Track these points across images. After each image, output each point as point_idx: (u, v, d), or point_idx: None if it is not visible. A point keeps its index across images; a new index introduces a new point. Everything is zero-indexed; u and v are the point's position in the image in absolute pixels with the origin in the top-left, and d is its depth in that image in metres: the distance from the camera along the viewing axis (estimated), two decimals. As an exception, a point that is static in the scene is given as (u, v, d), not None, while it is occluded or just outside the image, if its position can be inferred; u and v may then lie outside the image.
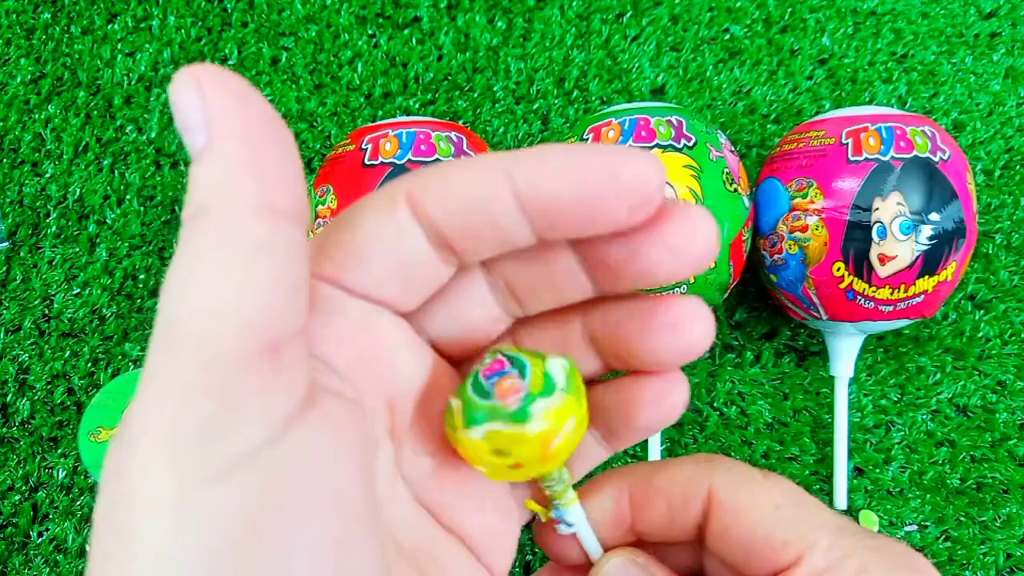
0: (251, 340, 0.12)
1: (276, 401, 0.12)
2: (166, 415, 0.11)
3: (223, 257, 0.12)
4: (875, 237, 0.33)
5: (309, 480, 0.12)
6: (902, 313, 0.34)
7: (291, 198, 0.13)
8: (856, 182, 0.33)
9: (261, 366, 0.12)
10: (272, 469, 0.12)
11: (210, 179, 0.12)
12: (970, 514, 0.39)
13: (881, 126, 0.34)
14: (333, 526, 0.13)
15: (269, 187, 0.12)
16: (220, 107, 0.12)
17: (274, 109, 0.13)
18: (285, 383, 0.12)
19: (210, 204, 0.12)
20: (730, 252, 0.34)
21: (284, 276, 0.12)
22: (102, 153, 0.42)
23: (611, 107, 0.36)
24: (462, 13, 0.44)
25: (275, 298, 0.12)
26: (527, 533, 0.38)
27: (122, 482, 0.12)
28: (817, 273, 0.34)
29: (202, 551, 0.11)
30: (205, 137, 0.12)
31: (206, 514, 0.11)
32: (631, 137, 0.33)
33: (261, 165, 0.12)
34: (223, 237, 0.12)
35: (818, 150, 0.34)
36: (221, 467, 0.11)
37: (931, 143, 0.33)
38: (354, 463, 0.14)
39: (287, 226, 0.13)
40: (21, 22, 0.44)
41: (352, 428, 0.14)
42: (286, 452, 0.12)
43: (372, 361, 0.16)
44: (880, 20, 0.45)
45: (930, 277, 0.33)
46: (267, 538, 0.12)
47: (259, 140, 0.12)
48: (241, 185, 0.12)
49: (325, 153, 0.42)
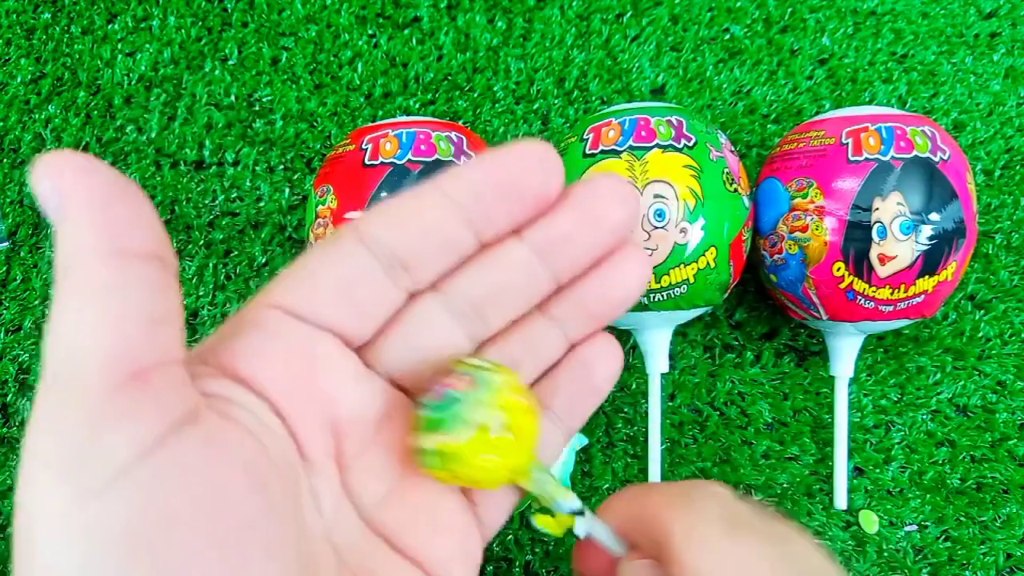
0: (111, 373, 0.13)
1: (145, 422, 0.13)
2: (48, 446, 0.13)
3: (78, 303, 0.14)
4: (875, 237, 0.33)
5: (185, 492, 0.13)
6: (902, 313, 0.34)
7: (142, 241, 0.14)
8: (856, 182, 0.33)
9: (125, 394, 0.13)
10: (146, 483, 0.13)
11: (66, 242, 0.14)
12: (970, 514, 0.39)
13: (881, 126, 0.34)
14: (214, 534, 0.14)
15: (117, 236, 0.14)
16: (69, 185, 0.14)
17: (121, 174, 0.15)
18: (154, 406, 0.14)
19: (68, 261, 0.14)
20: (730, 252, 0.34)
21: (141, 311, 0.14)
22: (102, 153, 0.42)
23: (611, 107, 0.36)
24: (462, 13, 0.44)
25: (132, 332, 0.14)
26: (528, 532, 0.38)
27: (24, 507, 0.13)
28: (817, 273, 0.34)
29: (86, 560, 0.13)
30: (61, 211, 0.14)
31: (88, 527, 0.13)
32: (631, 137, 0.33)
33: (108, 220, 0.14)
34: (78, 286, 0.14)
35: (818, 150, 0.34)
36: (97, 485, 0.13)
37: (931, 143, 0.33)
38: (239, 477, 0.14)
39: (140, 265, 0.14)
40: (21, 22, 0.44)
41: (238, 445, 0.15)
42: (159, 467, 0.13)
43: (308, 385, 0.17)
44: (880, 20, 0.45)
45: (930, 277, 0.33)
46: (146, 546, 0.13)
47: (104, 201, 0.14)
48: (89, 240, 0.14)
49: (325, 153, 0.42)
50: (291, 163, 0.42)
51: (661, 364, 0.37)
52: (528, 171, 0.18)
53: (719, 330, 0.41)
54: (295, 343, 0.17)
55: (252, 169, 0.42)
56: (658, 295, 0.34)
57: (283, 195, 0.42)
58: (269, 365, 0.17)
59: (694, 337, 0.41)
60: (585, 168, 0.34)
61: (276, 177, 0.42)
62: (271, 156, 0.42)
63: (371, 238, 0.17)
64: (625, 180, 0.19)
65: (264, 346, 0.17)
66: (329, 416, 0.17)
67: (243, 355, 0.17)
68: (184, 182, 0.42)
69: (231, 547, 0.14)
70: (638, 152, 0.33)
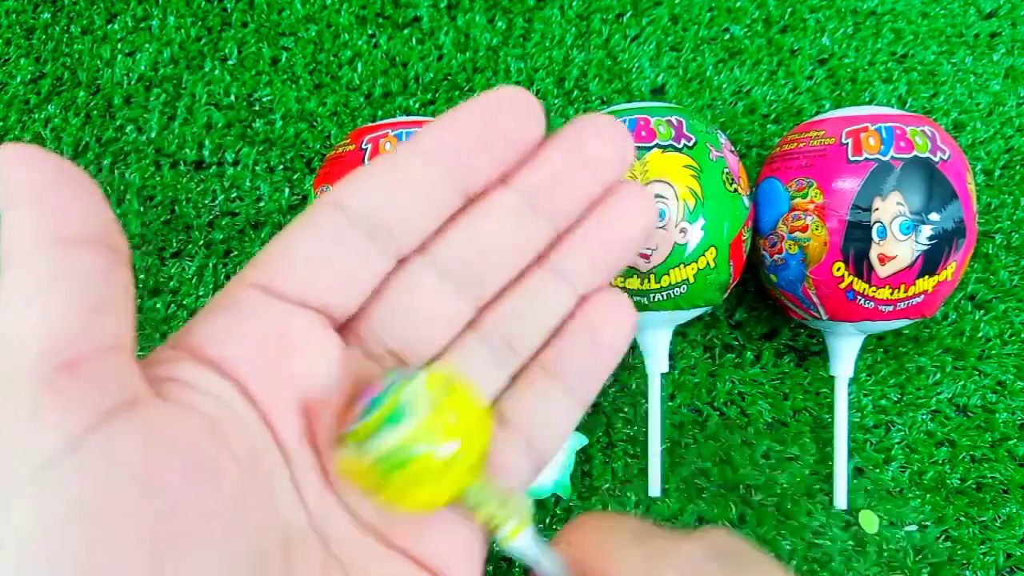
0: (41, 364, 0.13)
1: (73, 413, 0.13)
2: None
3: (14, 294, 0.13)
4: (875, 237, 0.33)
5: (114, 483, 0.13)
6: (902, 313, 0.34)
7: (86, 228, 0.14)
8: (856, 182, 0.33)
9: (55, 385, 0.13)
10: (75, 473, 0.13)
11: (7, 231, 0.14)
12: (970, 514, 0.39)
13: (881, 126, 0.34)
14: (142, 525, 0.13)
15: (59, 224, 0.14)
16: (11, 174, 0.14)
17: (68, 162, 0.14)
18: (85, 395, 0.13)
19: (9, 251, 0.14)
20: (730, 252, 0.34)
21: (80, 299, 0.14)
22: (102, 153, 0.42)
23: (611, 107, 0.36)
24: (462, 13, 0.44)
25: (69, 321, 0.13)
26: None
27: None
28: (817, 273, 0.34)
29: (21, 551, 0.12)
30: (4, 201, 0.14)
31: (21, 517, 0.13)
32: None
33: (50, 209, 0.14)
34: (15, 277, 0.14)
35: (818, 150, 0.34)
36: (28, 475, 0.13)
37: (931, 143, 0.33)
38: (175, 466, 0.14)
39: (82, 253, 0.14)
40: (21, 22, 0.44)
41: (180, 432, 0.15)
42: (87, 458, 0.13)
43: (281, 366, 0.16)
44: (880, 20, 0.45)
45: (930, 277, 0.33)
46: (77, 535, 0.13)
47: (47, 190, 0.14)
48: (29, 229, 0.14)
49: (325, 153, 0.42)
50: (291, 163, 0.42)
51: (661, 364, 0.37)
52: (507, 116, 0.17)
53: (719, 330, 0.41)
54: (269, 322, 0.16)
55: (252, 169, 0.42)
56: (658, 295, 0.34)
57: (283, 195, 0.42)
58: (240, 346, 0.16)
59: (694, 337, 0.41)
60: None
61: (276, 177, 0.42)
62: (271, 156, 0.42)
63: (349, 205, 0.17)
64: (613, 119, 0.18)
65: (235, 327, 0.16)
66: (300, 395, 0.17)
67: (213, 337, 0.16)
68: (184, 182, 0.42)
69: (161, 539, 0.13)
70: (638, 152, 0.33)
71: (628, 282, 0.34)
